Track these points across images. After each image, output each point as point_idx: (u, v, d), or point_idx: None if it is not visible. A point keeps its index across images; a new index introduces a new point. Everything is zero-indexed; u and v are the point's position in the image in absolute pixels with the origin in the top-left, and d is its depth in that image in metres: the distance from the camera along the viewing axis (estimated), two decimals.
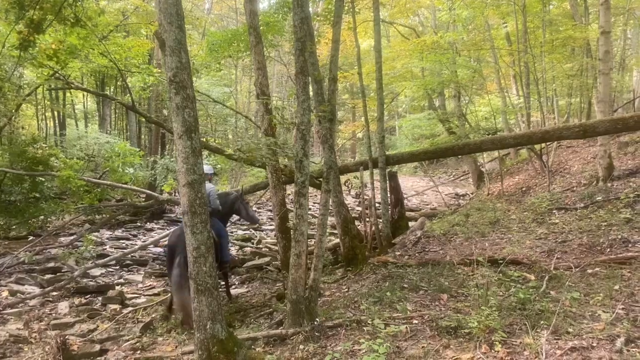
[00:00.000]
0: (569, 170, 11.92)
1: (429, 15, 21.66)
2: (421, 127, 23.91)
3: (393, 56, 17.88)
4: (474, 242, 7.75)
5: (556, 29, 17.81)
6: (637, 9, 19.12)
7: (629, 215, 7.17)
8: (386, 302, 5.18)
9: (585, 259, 5.78)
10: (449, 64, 14.95)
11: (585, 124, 7.97)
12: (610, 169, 9.45)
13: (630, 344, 3.55)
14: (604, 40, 9.55)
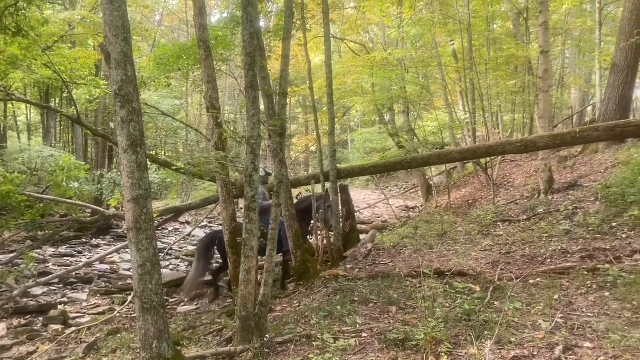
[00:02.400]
0: (513, 184, 12.37)
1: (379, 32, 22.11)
2: (372, 141, 24.26)
3: (344, 72, 18.17)
4: (423, 254, 7.89)
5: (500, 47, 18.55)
6: (574, 30, 20.17)
7: (568, 227, 7.50)
8: (336, 316, 5.19)
9: (528, 269, 5.99)
10: (398, 80, 15.31)
11: (527, 139, 8.31)
12: (551, 182, 9.87)
13: (568, 352, 3.69)
14: (544, 60, 10.02)
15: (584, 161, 11.67)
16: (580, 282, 5.17)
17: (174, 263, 12.17)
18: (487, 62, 16.91)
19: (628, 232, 6.72)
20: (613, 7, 18.38)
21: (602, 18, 15.14)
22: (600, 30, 15.03)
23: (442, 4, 15.94)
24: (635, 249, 5.74)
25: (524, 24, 17.12)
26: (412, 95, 16.66)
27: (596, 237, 6.79)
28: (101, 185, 16.68)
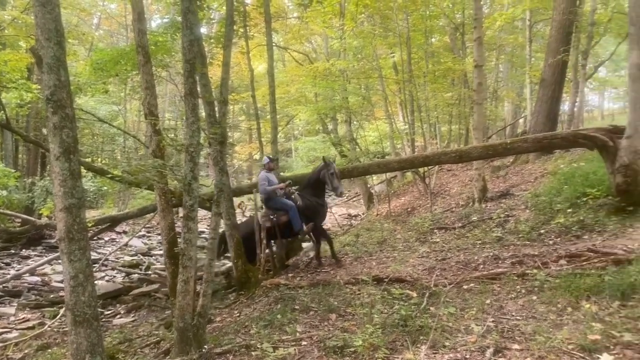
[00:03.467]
0: (449, 192, 12.79)
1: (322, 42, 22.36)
2: (316, 150, 24.42)
3: (287, 80, 18.25)
4: (363, 261, 8.02)
5: (438, 60, 19.15)
6: (507, 45, 21.13)
7: (500, 234, 7.85)
8: (277, 325, 5.19)
9: (462, 275, 6.19)
10: (341, 90, 15.53)
11: (461, 149, 8.64)
12: (485, 191, 10.29)
13: (498, 354, 3.85)
14: (478, 73, 10.46)
15: (515, 171, 12.24)
16: (511, 286, 5.40)
17: (110, 274, 11.76)
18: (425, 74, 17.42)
19: (555, 238, 7.11)
20: (542, 25, 19.43)
21: (531, 35, 16.01)
22: (530, 47, 15.88)
23: (383, 17, 16.31)
24: (561, 255, 6.06)
25: (461, 38, 17.79)
26: (354, 105, 16.94)
27: (526, 243, 7.14)
28: (32, 193, 15.89)
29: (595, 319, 4.12)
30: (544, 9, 15.58)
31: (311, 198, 8.19)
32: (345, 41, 16.02)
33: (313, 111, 17.22)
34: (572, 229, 7.16)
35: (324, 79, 14.98)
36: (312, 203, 8.14)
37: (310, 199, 8.17)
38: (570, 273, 5.23)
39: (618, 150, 7.22)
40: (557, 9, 12.73)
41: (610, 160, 7.33)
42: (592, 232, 6.95)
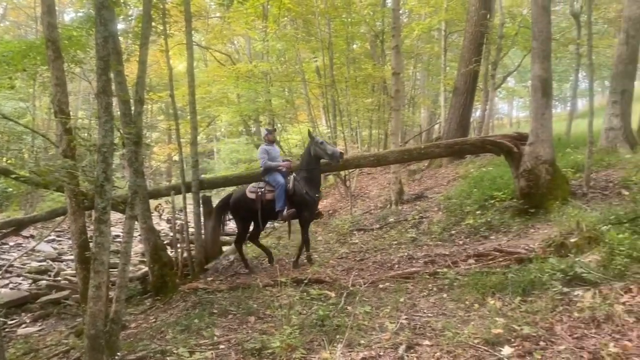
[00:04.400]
0: (369, 195, 13.14)
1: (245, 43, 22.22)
2: (239, 152, 24.17)
3: (209, 81, 17.94)
4: (284, 263, 8.05)
5: (359, 66, 19.59)
6: (424, 54, 21.98)
7: (414, 235, 8.18)
8: (194, 330, 5.11)
9: (378, 275, 6.40)
10: (264, 92, 15.51)
11: (379, 153, 8.90)
12: (401, 194, 10.67)
13: (410, 350, 4.00)
14: (395, 80, 10.83)
15: (430, 174, 12.79)
16: (423, 285, 5.65)
17: (14, 281, 11.00)
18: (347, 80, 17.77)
19: (464, 238, 7.51)
20: (456, 36, 20.40)
21: (446, 45, 16.78)
22: (445, 56, 16.64)
23: (306, 22, 16.48)
24: (470, 254, 6.41)
25: (380, 46, 18.30)
26: (277, 108, 16.97)
27: (438, 243, 7.49)
28: None
29: (499, 314, 4.38)
30: (458, 20, 16.39)
31: (304, 186, 7.48)
32: (269, 43, 16.04)
33: (235, 112, 17.09)
34: (481, 230, 7.60)
35: (247, 81, 14.90)
36: (302, 192, 7.45)
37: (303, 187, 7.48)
38: (477, 271, 5.54)
39: (522, 156, 7.75)
40: (470, 21, 13.45)
41: (515, 165, 7.85)
42: (498, 232, 7.41)
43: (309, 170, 7.62)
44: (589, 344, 3.56)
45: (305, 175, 7.62)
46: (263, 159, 7.75)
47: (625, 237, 5.14)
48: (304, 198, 7.49)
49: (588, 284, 4.63)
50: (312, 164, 7.64)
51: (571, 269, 4.82)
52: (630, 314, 3.87)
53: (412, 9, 19.00)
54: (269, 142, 8.06)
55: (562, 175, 7.95)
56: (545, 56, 7.83)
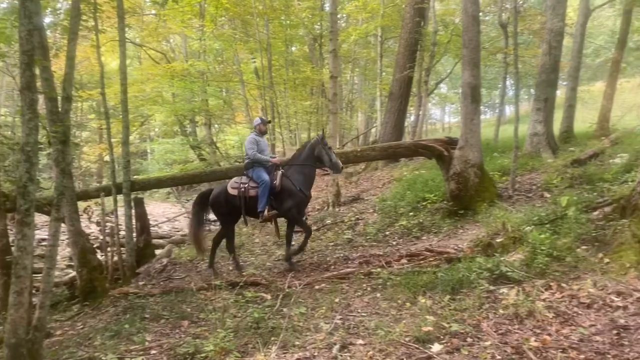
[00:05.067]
0: None
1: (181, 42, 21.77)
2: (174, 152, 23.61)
3: (143, 79, 17.43)
4: (219, 266, 7.94)
5: (298, 69, 19.68)
6: (361, 59, 22.37)
7: (350, 236, 8.31)
8: (124, 335, 4.95)
9: (315, 276, 6.44)
10: (200, 92, 15.25)
11: None
12: (338, 196, 10.80)
13: (344, 350, 4.06)
14: (333, 84, 10.96)
15: (366, 177, 13.02)
16: (358, 285, 5.74)
17: None
18: (285, 82, 17.80)
19: (398, 239, 7.71)
20: (392, 42, 20.90)
21: (382, 51, 17.13)
22: (381, 62, 16.99)
23: (244, 22, 16.36)
24: (402, 254, 6.59)
25: (319, 49, 18.48)
26: (214, 108, 16.74)
27: (373, 244, 7.64)
28: None
29: (429, 312, 4.52)
30: (394, 27, 16.78)
31: (297, 181, 7.06)
32: (206, 43, 15.80)
33: (170, 112, 16.70)
34: (413, 231, 7.83)
35: (182, 80, 14.59)
36: (293, 188, 7.03)
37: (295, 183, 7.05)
38: (410, 271, 5.71)
39: (452, 159, 8.06)
40: (405, 28, 13.81)
41: (446, 169, 8.15)
42: (429, 233, 7.66)
43: (304, 166, 7.19)
44: (512, 339, 3.75)
45: (299, 170, 7.18)
46: (252, 150, 7.16)
47: (546, 237, 5.45)
48: (295, 194, 7.05)
49: (512, 282, 4.88)
50: (309, 162, 7.21)
51: (497, 268, 5.07)
52: (550, 310, 4.12)
53: (350, 14, 19.27)
54: (259, 132, 7.44)
55: (489, 178, 8.32)
56: (474, 64, 8.17)
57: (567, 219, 5.99)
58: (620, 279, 4.53)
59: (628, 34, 13.61)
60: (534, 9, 16.51)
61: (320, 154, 7.15)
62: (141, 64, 22.63)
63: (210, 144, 16.44)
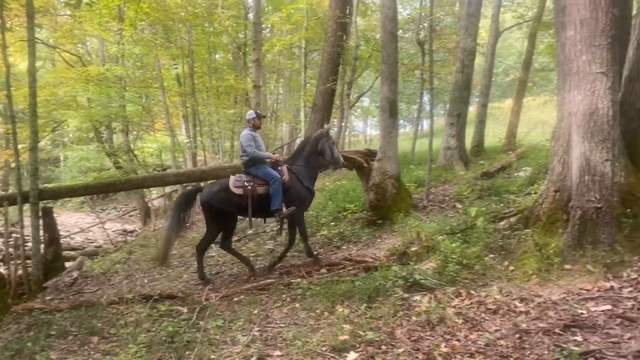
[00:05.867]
0: None
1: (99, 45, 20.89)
2: (89, 160, 22.48)
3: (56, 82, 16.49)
4: (135, 279, 7.66)
5: (221, 77, 19.46)
6: (285, 69, 22.51)
7: (272, 247, 8.31)
8: (26, 354, 4.64)
9: (234, 287, 6.36)
10: (118, 97, 14.67)
11: (238, 165, 8.84)
12: None
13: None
14: (256, 93, 10.97)
15: None
16: (277, 296, 5.73)
17: None
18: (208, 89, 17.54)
19: (319, 249, 7.78)
20: (316, 54, 21.20)
21: (306, 62, 17.34)
22: (305, 73, 17.18)
23: (165, 28, 15.98)
24: (322, 264, 6.66)
25: (243, 58, 18.39)
26: (133, 114, 16.16)
27: (294, 254, 7.66)
28: None
29: (346, 321, 4.60)
30: (318, 39, 17.04)
31: (302, 177, 6.92)
32: (124, 47, 15.24)
33: (85, 118, 15.89)
34: (334, 240, 7.95)
35: (99, 84, 13.97)
36: (301, 185, 6.91)
37: (301, 180, 6.91)
38: (329, 280, 5.78)
39: (371, 171, 8.29)
40: (328, 42, 14.07)
41: (365, 180, 8.37)
42: (349, 242, 7.81)
43: (309, 161, 7.06)
44: (424, 346, 3.89)
45: (304, 166, 7.03)
46: (250, 147, 6.75)
47: (457, 246, 5.73)
48: (303, 192, 6.92)
49: (425, 289, 5.07)
50: (313, 157, 7.08)
51: (411, 276, 5.25)
52: (459, 316, 4.31)
53: (274, 25, 19.36)
54: (254, 127, 7.03)
55: (406, 189, 8.63)
56: (392, 79, 8.48)
57: (476, 229, 6.33)
58: (523, 286, 4.83)
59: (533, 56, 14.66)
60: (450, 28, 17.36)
61: (323, 148, 7.03)
62: (55, 67, 21.44)
63: (127, 151, 15.81)
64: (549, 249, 5.17)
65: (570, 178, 5.36)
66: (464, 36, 11.51)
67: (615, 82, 5.20)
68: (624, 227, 5.27)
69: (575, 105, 5.24)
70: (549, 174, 5.85)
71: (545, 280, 4.86)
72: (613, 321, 3.81)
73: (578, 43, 5.21)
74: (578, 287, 4.58)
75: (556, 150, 5.69)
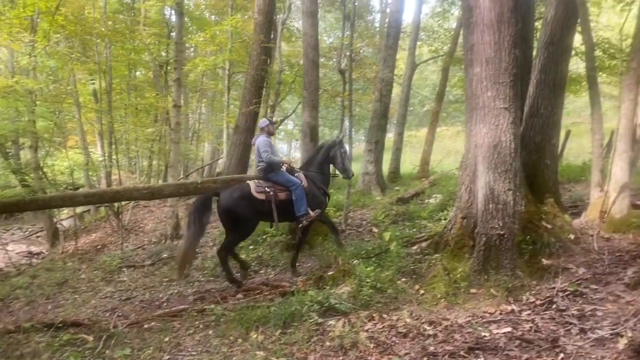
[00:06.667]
0: (144, 229, 12.59)
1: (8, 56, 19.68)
2: None
3: None
4: (37, 305, 7.19)
5: (142, 95, 18.94)
6: (209, 90, 22.25)
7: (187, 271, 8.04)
8: None
9: (145, 314, 6.13)
10: (27, 111, 13.85)
11: (153, 186, 8.63)
12: (178, 228, 10.49)
13: None
14: (176, 113, 10.76)
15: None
16: (190, 322, 5.57)
17: None
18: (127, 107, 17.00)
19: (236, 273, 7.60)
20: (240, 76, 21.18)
21: (230, 84, 17.27)
22: (229, 94, 17.09)
23: (83, 42, 15.39)
24: (238, 290, 6.58)
25: (164, 76, 18.01)
26: (43, 130, 15.30)
27: (210, 279, 7.52)
28: None
29: (260, 348, 4.55)
30: (242, 62, 17.04)
31: (317, 182, 7.18)
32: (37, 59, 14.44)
33: None
34: (252, 264, 7.87)
35: (5, 97, 13.13)
36: (319, 191, 7.16)
37: (317, 184, 7.16)
38: (244, 306, 5.71)
39: None
40: (252, 65, 14.08)
41: None
42: (267, 266, 7.78)
43: (323, 167, 7.38)
44: None
45: (318, 173, 7.30)
46: (267, 153, 6.88)
47: (372, 270, 5.87)
48: (320, 198, 7.16)
49: (340, 313, 5.13)
50: (325, 165, 7.42)
51: (327, 300, 5.30)
52: (371, 340, 4.40)
53: (198, 45, 19.18)
54: (269, 134, 7.26)
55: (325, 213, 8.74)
56: (313, 105, 8.65)
57: (390, 253, 6.52)
58: (432, 309, 5.01)
59: (446, 88, 15.50)
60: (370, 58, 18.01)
61: (334, 156, 7.33)
62: None
63: (35, 168, 14.86)
64: (457, 273, 5.42)
65: (476, 206, 5.67)
66: (383, 67, 11.99)
67: (517, 117, 5.60)
68: (524, 253, 5.65)
69: (481, 138, 5.57)
70: (457, 201, 6.17)
71: (452, 303, 5.08)
72: (512, 343, 4.03)
73: (484, 80, 5.56)
74: (482, 310, 4.81)
75: (464, 179, 6.02)
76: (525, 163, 6.31)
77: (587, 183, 7.79)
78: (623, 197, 6.59)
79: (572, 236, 6.15)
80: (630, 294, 4.72)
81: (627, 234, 6.33)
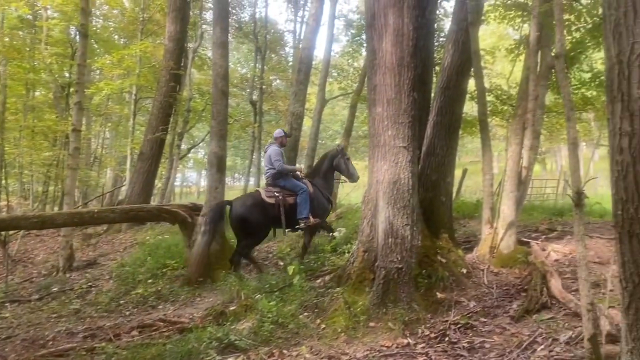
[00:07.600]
0: (34, 260, 11.68)
1: None
2: None
3: None
4: None
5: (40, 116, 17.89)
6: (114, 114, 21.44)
7: (79, 306, 7.53)
8: None
9: (26, 354, 5.62)
10: None
11: (44, 215, 8.09)
12: (71, 260, 9.83)
13: None
14: (75, 137, 10.20)
15: (107, 240, 12.17)
16: None
17: None
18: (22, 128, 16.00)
19: (132, 309, 7.28)
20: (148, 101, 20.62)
21: (136, 109, 16.76)
22: (135, 120, 16.56)
23: None
24: (134, 326, 6.23)
25: (66, 99, 17.16)
26: None
27: (103, 315, 7.06)
28: None
29: None
30: (150, 87, 16.64)
31: (322, 190, 7.81)
32: None
33: None
34: (150, 299, 7.50)
35: None
36: (323, 198, 7.82)
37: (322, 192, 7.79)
38: (139, 343, 5.40)
39: (195, 226, 8.12)
40: (160, 91, 13.82)
41: (188, 235, 8.16)
42: (166, 301, 7.44)
43: (326, 178, 8.01)
44: None
45: (322, 181, 7.93)
46: (279, 162, 7.51)
47: (274, 304, 5.80)
48: (324, 204, 7.82)
49: (240, 350, 5.00)
50: (330, 173, 8.08)
51: (226, 337, 5.15)
52: None
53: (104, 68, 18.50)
54: (281, 145, 7.84)
55: (229, 245, 8.58)
56: (221, 135, 8.55)
57: (294, 287, 6.49)
58: (332, 343, 5.03)
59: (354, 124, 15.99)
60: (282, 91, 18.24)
61: (339, 164, 7.96)
62: None
63: None
64: (357, 306, 5.49)
65: (377, 240, 5.82)
66: (293, 101, 12.20)
67: (415, 155, 5.88)
68: (420, 286, 5.86)
69: (382, 174, 5.78)
70: (360, 235, 6.31)
71: (352, 337, 5.12)
72: None
73: (385, 119, 5.80)
74: (380, 344, 4.90)
75: (366, 214, 6.19)
76: (422, 199, 6.61)
77: (479, 219, 8.27)
78: (510, 233, 7.07)
79: (465, 270, 6.48)
80: (514, 326, 5.03)
81: (514, 268, 6.77)
